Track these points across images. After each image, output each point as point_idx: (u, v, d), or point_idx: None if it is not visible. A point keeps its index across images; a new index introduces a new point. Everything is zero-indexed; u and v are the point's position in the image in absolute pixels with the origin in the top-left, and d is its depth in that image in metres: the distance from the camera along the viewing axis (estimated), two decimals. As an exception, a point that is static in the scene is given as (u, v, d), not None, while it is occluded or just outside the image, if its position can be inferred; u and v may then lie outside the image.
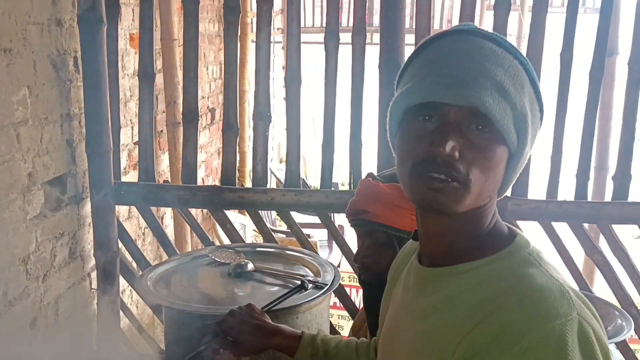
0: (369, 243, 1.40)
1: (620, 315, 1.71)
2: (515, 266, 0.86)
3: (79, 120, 2.29)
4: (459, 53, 0.85)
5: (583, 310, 0.80)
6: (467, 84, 0.82)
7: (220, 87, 4.94)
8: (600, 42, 2.20)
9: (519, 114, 0.84)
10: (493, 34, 0.88)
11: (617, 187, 2.28)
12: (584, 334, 0.78)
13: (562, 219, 2.27)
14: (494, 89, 0.82)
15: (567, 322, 0.77)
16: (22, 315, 1.95)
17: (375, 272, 1.39)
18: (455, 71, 0.83)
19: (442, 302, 0.89)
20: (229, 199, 2.38)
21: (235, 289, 1.77)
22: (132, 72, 2.79)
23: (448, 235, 0.91)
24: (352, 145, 2.36)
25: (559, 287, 0.82)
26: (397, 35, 2.17)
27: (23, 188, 1.94)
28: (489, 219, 0.92)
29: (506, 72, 0.84)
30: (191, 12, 2.31)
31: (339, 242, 2.45)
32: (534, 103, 0.88)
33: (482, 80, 0.82)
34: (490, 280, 0.86)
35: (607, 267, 2.32)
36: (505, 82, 0.83)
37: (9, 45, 1.83)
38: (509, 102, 0.83)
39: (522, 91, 0.85)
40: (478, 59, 0.84)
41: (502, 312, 0.80)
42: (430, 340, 0.88)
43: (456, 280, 0.89)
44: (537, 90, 0.88)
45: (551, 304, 0.79)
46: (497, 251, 0.88)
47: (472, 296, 0.85)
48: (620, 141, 2.28)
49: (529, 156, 0.92)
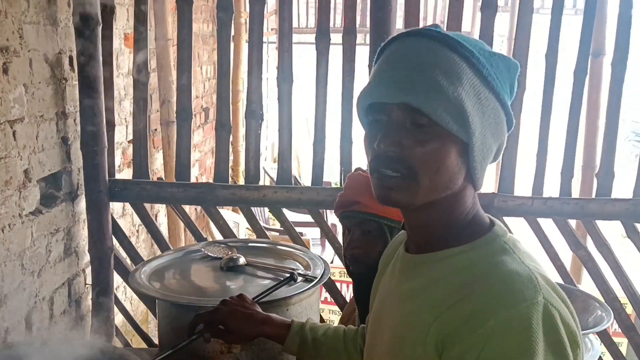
0: (360, 234, 1.44)
1: (600, 307, 1.76)
2: (490, 253, 0.91)
3: (74, 119, 2.33)
4: (400, 55, 0.91)
5: (550, 295, 0.85)
6: (401, 83, 0.89)
7: (214, 87, 4.97)
8: (584, 42, 2.25)
9: (454, 105, 0.87)
10: (439, 33, 0.91)
11: (600, 184, 2.34)
12: (549, 317, 0.82)
13: (547, 215, 2.32)
14: (426, 85, 0.87)
15: (532, 305, 0.82)
16: (18, 309, 1.99)
17: (364, 264, 1.43)
18: (394, 72, 0.90)
19: (422, 287, 0.94)
20: (221, 196, 2.43)
21: (227, 282, 1.81)
22: (126, 71, 2.83)
23: (424, 226, 0.97)
24: (342, 144, 2.41)
25: (527, 273, 0.87)
26: (387, 35, 2.22)
27: (19, 184, 1.98)
28: (464, 209, 0.96)
29: (439, 67, 0.88)
30: (185, 12, 2.36)
31: (330, 238, 2.50)
32: (481, 92, 0.90)
33: (415, 77, 0.88)
34: (466, 267, 0.91)
35: (591, 262, 2.37)
36: (437, 76, 0.87)
37: (5, 44, 1.87)
38: (441, 94, 0.87)
39: (458, 82, 0.88)
40: (414, 58, 0.90)
41: (473, 296, 0.85)
42: (409, 322, 0.93)
43: (436, 266, 0.94)
44: (485, 79, 0.90)
45: (518, 289, 0.84)
46: (476, 239, 0.94)
47: (449, 281, 0.90)
48: (603, 140, 2.34)
49: (500, 146, 0.95)
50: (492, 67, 0.92)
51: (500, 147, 0.95)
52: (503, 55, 0.96)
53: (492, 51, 0.94)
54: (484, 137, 0.90)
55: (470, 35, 5.02)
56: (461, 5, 2.29)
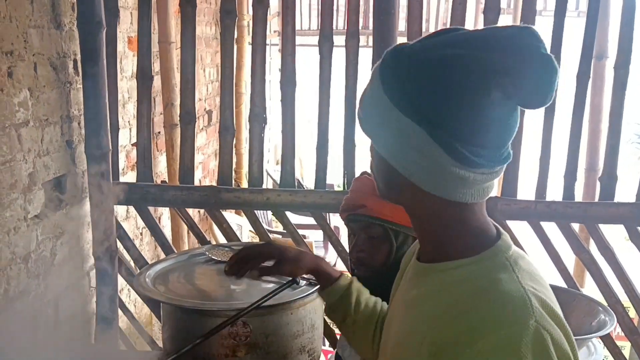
0: (365, 238, 1.44)
1: (603, 311, 1.76)
2: (490, 270, 0.90)
3: (78, 122, 2.34)
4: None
5: (543, 318, 0.84)
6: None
7: (217, 90, 4.99)
8: (587, 46, 2.25)
9: (363, 118, 0.96)
10: (394, 48, 0.93)
11: (604, 187, 2.34)
12: (540, 341, 0.82)
13: (551, 218, 2.33)
14: (359, 101, 0.98)
15: (522, 329, 0.82)
16: (23, 312, 2.00)
17: (369, 267, 1.44)
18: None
19: (422, 297, 0.95)
20: (225, 199, 2.43)
21: (232, 285, 1.82)
22: (130, 74, 2.84)
23: (423, 237, 0.99)
24: (345, 147, 2.41)
25: (521, 295, 0.85)
26: (390, 38, 2.23)
27: (24, 188, 1.98)
28: (437, 222, 0.94)
29: (370, 79, 0.95)
30: (188, 15, 2.36)
31: (333, 242, 2.50)
32: (382, 98, 0.90)
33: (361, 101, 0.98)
34: (466, 281, 0.90)
35: (594, 266, 2.37)
36: (363, 92, 0.97)
37: (10, 48, 1.88)
38: (360, 106, 0.97)
39: (367, 93, 0.95)
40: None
41: (466, 314, 0.86)
42: (409, 330, 0.94)
43: (439, 277, 0.94)
44: (383, 80, 0.90)
45: (509, 311, 0.83)
46: (479, 252, 0.92)
47: (449, 294, 0.90)
48: (607, 143, 2.34)
49: (430, 158, 0.89)
50: (400, 75, 0.89)
51: (434, 159, 0.88)
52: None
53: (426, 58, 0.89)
54: (380, 137, 0.94)
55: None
56: (464, 8, 2.30)
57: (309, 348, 1.83)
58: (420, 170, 0.90)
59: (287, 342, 1.76)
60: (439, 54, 0.87)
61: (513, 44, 0.86)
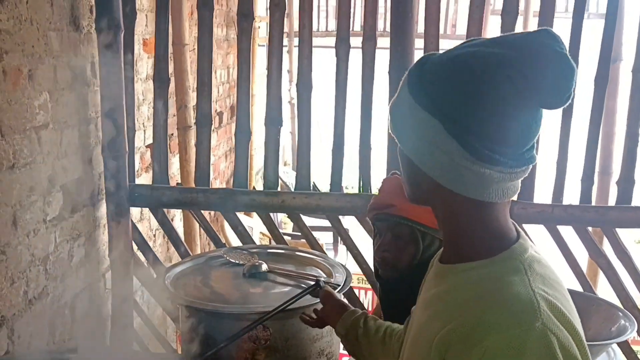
0: (391, 238, 1.44)
1: (623, 316, 1.75)
2: (503, 272, 0.92)
3: (95, 124, 2.35)
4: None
5: (551, 320, 0.85)
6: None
7: (227, 91, 4.99)
8: (605, 49, 2.25)
9: (391, 117, 0.99)
10: (423, 58, 0.97)
11: (621, 191, 2.33)
12: (545, 343, 0.83)
13: (568, 222, 2.32)
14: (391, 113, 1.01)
15: (527, 330, 0.83)
16: (42, 314, 2.00)
17: (394, 268, 1.44)
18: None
19: (438, 296, 0.98)
20: (241, 201, 2.44)
21: (250, 288, 1.82)
22: (144, 76, 2.84)
23: (445, 238, 1.01)
24: (361, 150, 2.41)
25: (530, 297, 0.87)
26: (407, 41, 2.23)
27: (43, 190, 1.99)
28: (457, 220, 0.96)
29: (401, 84, 0.98)
30: (205, 19, 2.37)
31: (348, 245, 2.50)
32: (407, 97, 0.94)
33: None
34: (478, 282, 0.92)
35: (611, 271, 2.36)
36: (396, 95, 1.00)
37: (31, 51, 1.89)
38: (390, 107, 1.00)
39: (396, 95, 0.98)
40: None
41: (475, 315, 0.88)
42: (424, 328, 0.97)
43: (454, 278, 0.97)
44: (409, 80, 0.95)
45: (516, 313, 0.85)
46: (495, 254, 0.94)
47: (461, 294, 0.93)
48: (624, 147, 2.33)
49: (451, 156, 0.91)
50: (427, 78, 0.93)
51: (451, 154, 0.90)
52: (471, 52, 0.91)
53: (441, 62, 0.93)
54: (405, 136, 0.96)
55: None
56: (481, 11, 2.29)
57: (328, 352, 1.83)
58: (438, 165, 0.92)
59: (306, 345, 1.77)
60: (457, 52, 0.92)
61: (529, 42, 0.88)
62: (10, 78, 1.77)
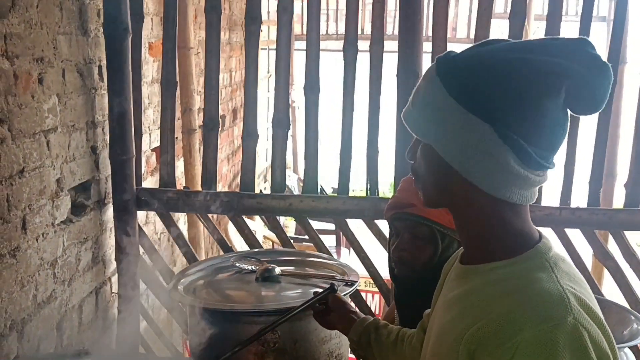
0: (409, 237, 1.44)
1: (635, 320, 1.74)
2: (529, 269, 0.92)
3: (102, 128, 2.35)
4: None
5: (581, 315, 0.86)
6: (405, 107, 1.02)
7: (230, 95, 4.99)
8: (613, 52, 2.25)
9: (419, 120, 0.97)
10: (446, 54, 0.96)
11: (629, 194, 2.33)
12: (577, 337, 0.84)
13: (575, 225, 2.32)
14: (410, 104, 0.99)
15: (559, 325, 0.84)
16: (50, 317, 2.00)
17: (410, 267, 1.44)
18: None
19: (461, 296, 0.98)
20: (248, 205, 2.43)
21: (264, 292, 1.82)
22: (150, 80, 2.84)
23: (468, 239, 1.01)
24: (369, 153, 2.41)
25: (559, 293, 0.88)
26: (415, 45, 2.23)
27: (52, 194, 1.99)
28: (495, 222, 0.95)
29: (424, 84, 0.97)
30: (213, 23, 2.37)
31: (356, 248, 2.49)
32: (446, 99, 0.92)
33: (410, 103, 1.00)
34: (505, 280, 0.93)
35: (619, 273, 2.36)
36: (416, 95, 0.98)
37: (40, 55, 1.89)
38: (414, 109, 0.98)
39: (423, 96, 0.96)
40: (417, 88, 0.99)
41: (505, 310, 0.88)
42: (448, 329, 0.97)
43: (477, 278, 0.97)
44: (448, 83, 0.92)
45: (547, 307, 0.86)
46: (519, 254, 0.94)
47: (488, 292, 0.93)
48: (632, 150, 2.33)
49: (497, 157, 0.90)
50: (470, 80, 0.91)
51: (494, 153, 0.91)
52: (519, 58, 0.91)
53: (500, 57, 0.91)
54: (446, 139, 0.94)
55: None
56: (489, 14, 2.29)
57: (337, 353, 1.83)
58: (482, 169, 0.92)
59: (315, 347, 1.77)
60: (507, 57, 0.91)
61: (576, 51, 0.90)
62: (21, 82, 1.77)
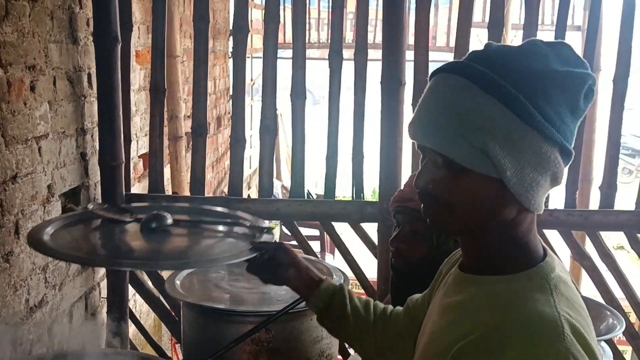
0: (408, 230, 1.51)
1: (611, 315, 1.83)
2: (527, 289, 0.91)
3: (91, 134, 2.38)
4: (430, 94, 0.94)
5: (574, 346, 0.83)
6: (427, 127, 0.92)
7: (213, 102, 5.03)
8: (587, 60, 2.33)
9: (478, 150, 0.88)
10: (474, 69, 0.90)
11: (604, 196, 2.42)
12: None
13: (553, 226, 2.40)
14: (449, 130, 0.89)
15: (550, 351, 0.82)
16: (41, 322, 2.02)
17: (407, 260, 1.51)
18: (422, 113, 0.94)
19: (457, 305, 0.98)
20: (236, 209, 2.47)
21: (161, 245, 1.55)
22: (137, 87, 2.88)
23: (475, 249, 1.00)
24: (354, 159, 2.47)
25: (554, 318, 0.85)
26: (399, 53, 2.30)
27: (43, 199, 2.02)
28: (515, 235, 0.95)
29: (465, 111, 0.89)
30: (201, 31, 2.42)
31: (342, 250, 2.55)
32: (515, 131, 0.88)
33: (439, 120, 0.90)
34: (502, 296, 0.92)
35: (595, 272, 2.45)
36: (462, 121, 0.89)
37: (32, 63, 1.92)
38: (465, 139, 0.88)
39: (485, 126, 0.88)
40: (442, 99, 0.92)
41: (496, 328, 0.87)
42: (439, 335, 0.97)
43: (478, 289, 0.96)
44: (521, 117, 0.88)
45: (538, 330, 0.84)
46: (521, 271, 0.93)
47: (484, 306, 0.92)
48: (606, 154, 2.42)
49: (553, 173, 0.91)
50: (534, 98, 0.88)
51: (555, 174, 0.92)
52: (566, 71, 0.91)
53: (548, 69, 0.90)
54: (522, 173, 0.89)
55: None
56: (469, 23, 2.38)
57: (328, 353, 1.88)
58: (538, 184, 0.91)
59: (307, 347, 1.81)
60: (552, 68, 0.90)
61: (585, 62, 0.95)
62: (14, 89, 1.80)
